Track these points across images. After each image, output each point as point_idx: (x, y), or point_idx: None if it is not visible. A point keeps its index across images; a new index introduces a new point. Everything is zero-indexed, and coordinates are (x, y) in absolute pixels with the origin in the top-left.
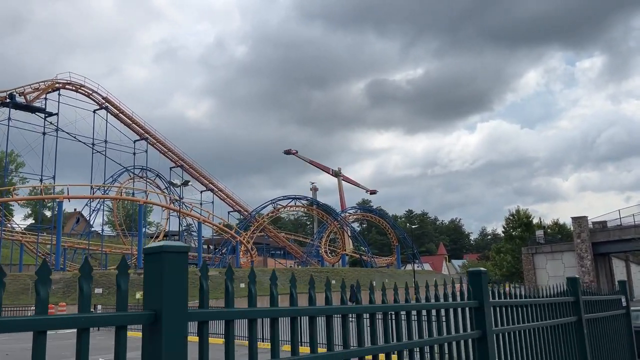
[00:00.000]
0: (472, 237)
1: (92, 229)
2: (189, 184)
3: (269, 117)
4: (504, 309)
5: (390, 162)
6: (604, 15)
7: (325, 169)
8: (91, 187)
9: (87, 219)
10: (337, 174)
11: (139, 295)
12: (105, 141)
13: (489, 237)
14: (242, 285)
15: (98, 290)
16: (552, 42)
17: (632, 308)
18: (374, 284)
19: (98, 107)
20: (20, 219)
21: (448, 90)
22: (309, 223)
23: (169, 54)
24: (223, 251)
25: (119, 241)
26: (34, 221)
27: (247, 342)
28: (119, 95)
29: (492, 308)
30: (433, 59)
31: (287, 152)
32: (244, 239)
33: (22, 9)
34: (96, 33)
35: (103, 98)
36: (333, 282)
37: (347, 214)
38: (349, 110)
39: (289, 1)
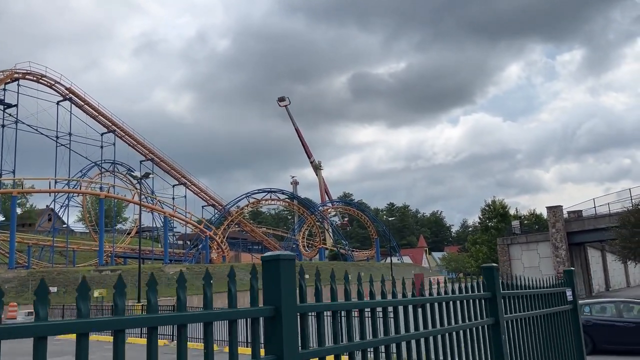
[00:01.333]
0: (453, 230)
1: (64, 226)
2: (150, 176)
3: (250, 111)
4: (510, 299)
5: (374, 155)
6: (583, 7)
7: (309, 153)
8: (55, 181)
9: (60, 216)
10: (317, 167)
11: (97, 293)
12: (70, 134)
13: (470, 229)
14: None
15: (53, 289)
16: (532, 34)
17: (600, 300)
18: (350, 277)
19: (61, 99)
20: None
21: (430, 83)
22: (290, 217)
23: (149, 48)
24: (198, 247)
25: (90, 238)
26: (3, 218)
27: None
28: (98, 89)
29: (502, 298)
30: (415, 52)
31: (281, 100)
32: (215, 234)
33: None
34: (74, 27)
35: (66, 89)
36: (307, 276)
37: (327, 207)
38: (332, 104)
39: None
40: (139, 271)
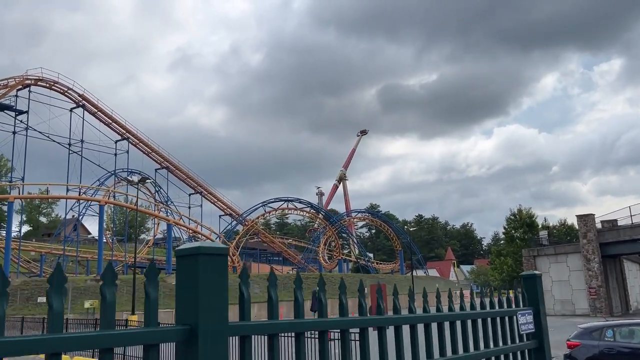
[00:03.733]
0: (484, 242)
1: (89, 236)
2: (148, 181)
3: (281, 124)
4: None
5: (406, 168)
6: (622, 14)
7: (346, 165)
8: (67, 188)
9: (84, 225)
10: (342, 178)
11: (88, 304)
12: (82, 140)
13: (502, 242)
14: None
15: (41, 299)
16: (567, 43)
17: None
18: (366, 291)
19: (75, 106)
20: (15, 225)
21: (463, 94)
22: (321, 230)
23: (184, 62)
24: None
25: (112, 248)
26: (30, 228)
27: None
28: (135, 103)
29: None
30: (447, 64)
31: (363, 132)
32: (224, 243)
33: (42, 20)
34: (113, 43)
35: (79, 95)
36: (317, 288)
37: (351, 218)
38: (363, 116)
39: (302, 8)
40: (134, 281)
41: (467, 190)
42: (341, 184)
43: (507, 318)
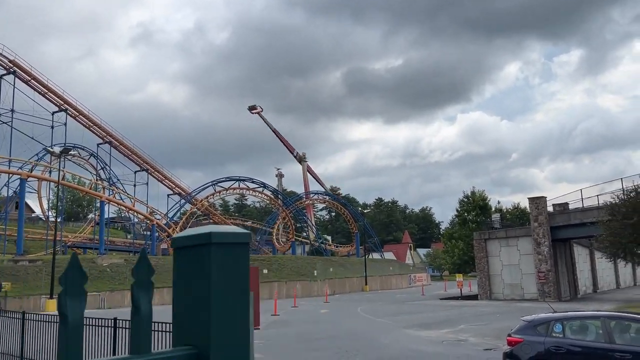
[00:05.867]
0: (442, 226)
1: (33, 215)
2: (71, 152)
3: (246, 105)
4: None
5: (370, 152)
6: (583, 3)
7: (290, 148)
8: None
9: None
10: (301, 159)
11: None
12: (12, 110)
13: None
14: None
15: None
16: (530, 32)
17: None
18: (316, 273)
19: (5, 72)
20: None
21: (428, 79)
22: (275, 211)
23: (146, 38)
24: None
25: (64, 227)
26: None
27: None
28: (94, 79)
29: None
30: (413, 48)
31: (252, 108)
32: (166, 223)
33: None
34: (72, 17)
35: (10, 61)
36: (265, 271)
37: (309, 199)
38: (329, 99)
39: None
40: (53, 262)
41: (429, 176)
42: (302, 165)
43: None
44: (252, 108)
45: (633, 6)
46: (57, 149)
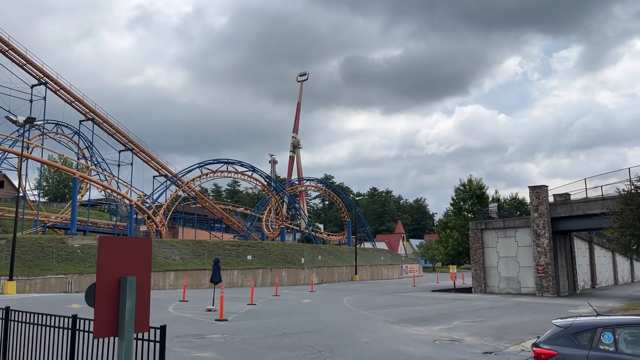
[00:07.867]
0: (436, 218)
1: (20, 195)
2: (35, 121)
3: (243, 91)
4: None
5: (367, 142)
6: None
7: (295, 129)
8: None
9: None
10: (295, 145)
11: None
12: None
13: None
14: None
15: None
16: (530, 26)
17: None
18: (303, 261)
19: None
20: None
21: (426, 71)
22: (267, 197)
23: (144, 20)
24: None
25: (46, 208)
26: None
27: None
28: (93, 60)
29: None
30: (412, 40)
31: (302, 74)
32: (144, 204)
33: None
34: None
35: None
36: (249, 257)
37: (301, 186)
38: (327, 88)
39: None
40: (14, 242)
41: (425, 167)
42: (295, 151)
43: None
44: (302, 74)
45: (634, 2)
46: (20, 118)
